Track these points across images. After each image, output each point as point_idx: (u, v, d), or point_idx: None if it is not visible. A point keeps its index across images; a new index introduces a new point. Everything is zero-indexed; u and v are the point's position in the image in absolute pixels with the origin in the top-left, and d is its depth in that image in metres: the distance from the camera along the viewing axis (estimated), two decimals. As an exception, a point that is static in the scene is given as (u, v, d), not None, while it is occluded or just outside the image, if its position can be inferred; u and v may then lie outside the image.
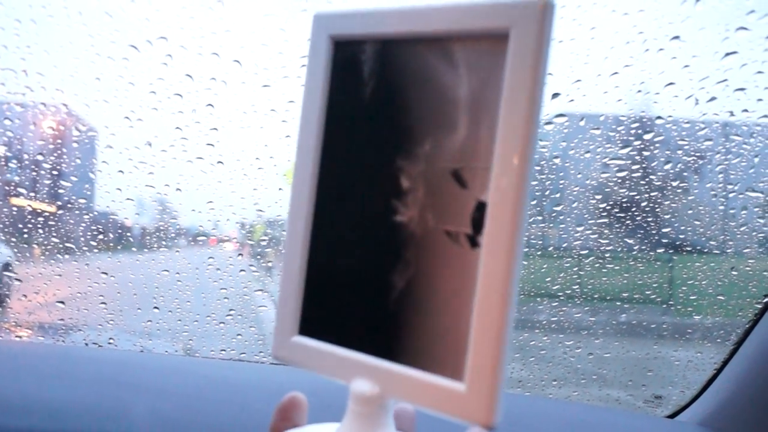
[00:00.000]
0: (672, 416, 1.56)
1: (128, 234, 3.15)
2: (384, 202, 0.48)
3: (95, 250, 2.50)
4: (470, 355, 0.44)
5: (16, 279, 2.22)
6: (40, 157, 2.40)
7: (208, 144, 1.91)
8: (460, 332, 0.45)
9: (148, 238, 3.02)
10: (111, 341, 2.11)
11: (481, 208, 0.44)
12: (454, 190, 0.45)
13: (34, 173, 2.52)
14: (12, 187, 2.69)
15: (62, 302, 2.30)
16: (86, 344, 2.11)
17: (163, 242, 2.82)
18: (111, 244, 2.87)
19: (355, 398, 0.49)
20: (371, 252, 0.49)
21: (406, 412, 0.56)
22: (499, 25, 0.44)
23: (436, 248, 0.46)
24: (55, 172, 2.37)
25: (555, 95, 1.74)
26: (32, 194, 2.59)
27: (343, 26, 0.51)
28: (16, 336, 2.26)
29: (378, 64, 0.49)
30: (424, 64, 0.47)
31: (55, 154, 2.33)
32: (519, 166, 0.43)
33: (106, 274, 2.32)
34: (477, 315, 0.44)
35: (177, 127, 1.84)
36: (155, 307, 2.27)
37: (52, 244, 2.40)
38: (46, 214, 2.35)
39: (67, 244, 2.38)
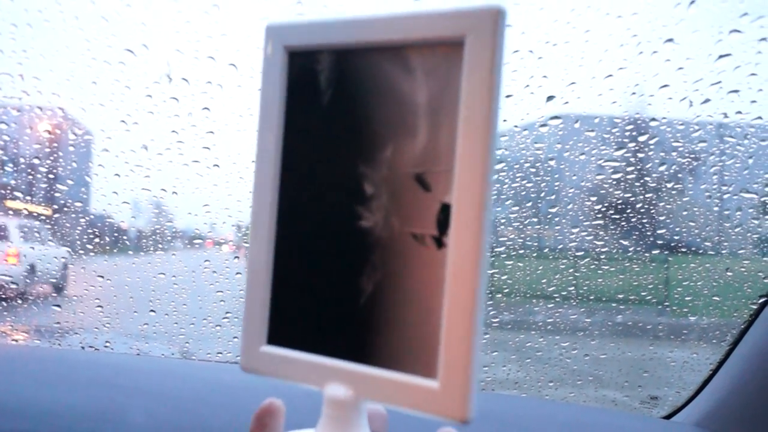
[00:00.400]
0: (668, 417, 1.57)
1: (124, 237, 3.15)
2: (348, 209, 0.49)
3: (91, 254, 2.50)
4: (442, 353, 0.45)
5: (13, 283, 2.22)
6: (36, 161, 2.40)
7: (204, 147, 1.92)
8: (430, 331, 0.46)
9: (144, 240, 3.03)
10: (107, 344, 2.11)
11: (445, 209, 0.46)
12: (418, 194, 0.47)
13: (30, 177, 2.52)
14: (8, 191, 2.69)
15: (58, 306, 2.30)
16: (83, 347, 2.11)
17: (160, 245, 2.83)
18: (107, 247, 2.87)
19: (329, 403, 0.49)
20: (338, 258, 0.50)
21: (378, 413, 0.57)
22: (455, 33, 0.45)
23: (403, 251, 0.47)
24: (51, 176, 2.37)
25: (550, 98, 1.75)
26: (28, 198, 2.59)
27: (298, 37, 0.51)
28: (12, 339, 2.26)
29: (334, 73, 0.50)
30: (381, 73, 0.48)
31: (51, 158, 2.33)
32: (481, 167, 0.44)
33: (102, 277, 2.32)
34: (447, 313, 0.45)
35: (173, 131, 1.84)
36: (152, 311, 2.27)
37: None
38: (42, 217, 2.35)
39: (64, 247, 2.38)
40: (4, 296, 2.42)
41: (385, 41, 0.48)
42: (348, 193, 0.49)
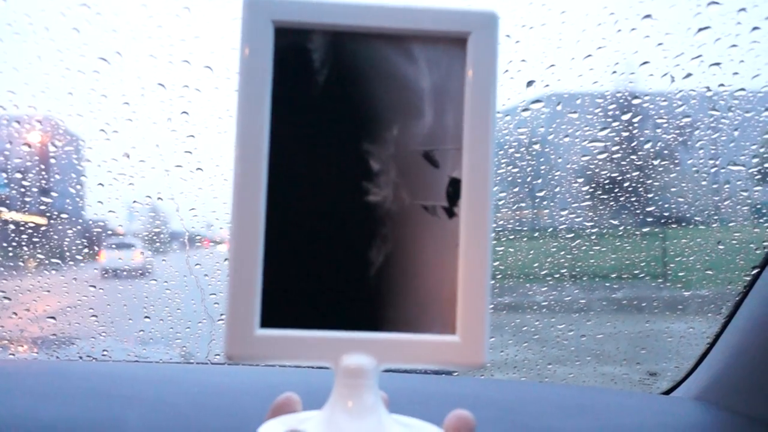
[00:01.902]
0: (667, 393, 1.57)
1: (114, 246, 3.14)
2: (353, 184, 0.52)
3: (81, 264, 2.49)
4: (460, 310, 0.51)
5: (5, 297, 2.21)
6: (18, 175, 2.39)
7: (186, 151, 1.91)
8: (445, 292, 0.51)
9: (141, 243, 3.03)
10: (105, 353, 2.11)
11: (454, 183, 0.52)
12: (427, 170, 0.52)
13: (13, 191, 2.51)
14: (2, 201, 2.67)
15: (53, 317, 2.29)
16: (80, 357, 2.11)
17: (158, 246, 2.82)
18: (96, 258, 2.86)
19: (347, 373, 0.51)
20: (343, 232, 0.52)
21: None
22: (460, 29, 0.52)
23: (414, 222, 0.52)
24: (43, 184, 2.36)
25: (530, 83, 1.75)
26: (22, 208, 2.57)
27: (287, 13, 0.52)
28: (10, 354, 2.26)
29: (330, 53, 0.52)
30: (382, 57, 0.52)
31: (34, 171, 2.32)
32: (487, 146, 0.52)
33: (94, 287, 2.31)
34: (462, 273, 0.51)
35: (153, 137, 1.84)
36: (146, 317, 2.27)
37: (34, 261, 2.39)
38: (29, 229, 2.35)
39: (53, 260, 2.37)
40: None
41: (388, 29, 0.52)
42: (352, 169, 0.52)
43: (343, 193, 0.52)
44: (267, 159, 0.51)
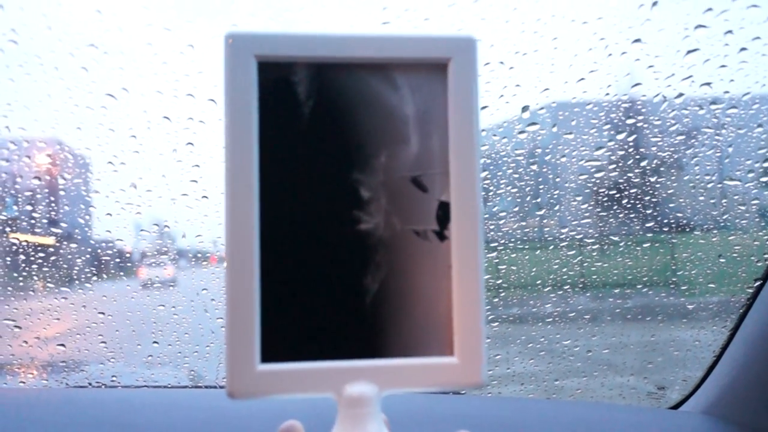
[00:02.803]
0: (676, 407, 1.57)
1: (121, 273, 3.19)
2: (345, 214, 0.52)
3: (90, 291, 2.52)
4: (457, 331, 0.52)
5: (16, 326, 2.24)
6: (29, 207, 2.43)
7: (192, 180, 1.94)
8: (441, 315, 0.52)
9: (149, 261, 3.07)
10: (114, 378, 2.12)
11: (443, 207, 0.53)
12: (416, 195, 0.53)
13: (24, 223, 2.54)
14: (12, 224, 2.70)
15: (63, 345, 2.32)
16: (89, 383, 2.12)
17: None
18: (112, 272, 2.89)
19: (350, 403, 0.51)
20: (337, 263, 0.52)
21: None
22: (440, 56, 0.53)
23: (407, 247, 0.53)
24: (45, 220, 2.39)
25: (525, 108, 1.78)
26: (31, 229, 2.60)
27: (269, 47, 0.52)
28: (21, 381, 2.27)
29: (314, 85, 0.53)
30: (366, 87, 0.53)
31: (44, 203, 2.36)
32: (473, 168, 0.53)
33: (103, 314, 2.34)
34: (457, 295, 0.52)
35: (160, 168, 1.88)
36: (155, 342, 2.29)
37: (43, 288, 2.42)
38: (39, 256, 2.38)
39: (62, 288, 2.40)
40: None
41: (370, 58, 0.53)
42: (342, 199, 0.52)
43: (335, 222, 0.52)
44: (258, 194, 0.51)
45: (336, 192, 0.52)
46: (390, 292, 0.52)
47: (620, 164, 2.10)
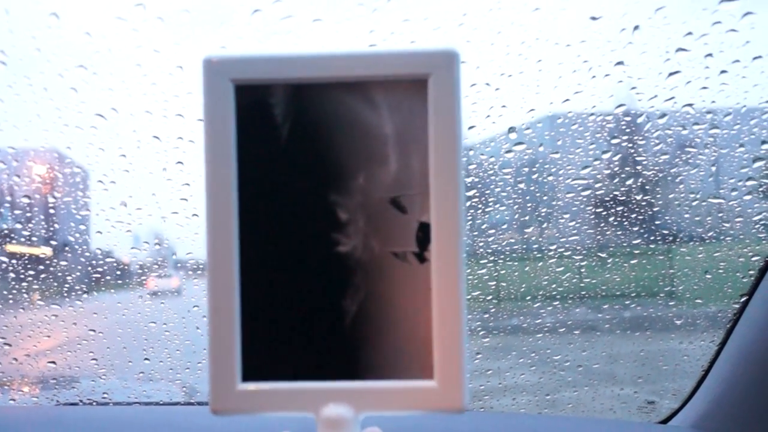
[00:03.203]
0: (665, 421, 1.57)
1: (126, 272, 3.24)
2: (322, 236, 0.52)
3: (81, 309, 2.52)
4: (436, 355, 0.51)
5: (5, 344, 2.24)
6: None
7: (182, 199, 1.96)
8: (421, 338, 0.52)
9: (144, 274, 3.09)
10: (105, 396, 2.12)
11: (423, 228, 0.52)
12: (395, 216, 0.52)
13: (27, 220, 2.54)
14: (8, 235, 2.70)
15: (53, 362, 2.32)
16: (81, 401, 2.11)
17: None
18: (110, 284, 2.90)
19: (328, 424, 0.52)
20: (316, 285, 0.52)
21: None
22: (419, 72, 0.52)
23: (385, 269, 0.52)
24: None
25: (511, 129, 1.81)
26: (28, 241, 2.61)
27: (245, 71, 0.52)
28: (11, 399, 2.26)
29: (291, 107, 0.52)
30: (344, 107, 0.52)
31: (47, 200, 2.36)
32: (454, 188, 0.51)
33: (94, 331, 2.34)
34: (437, 319, 0.51)
35: (150, 186, 1.90)
36: (146, 359, 2.29)
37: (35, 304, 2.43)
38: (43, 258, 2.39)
39: (53, 305, 2.41)
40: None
41: (347, 77, 0.52)
42: (320, 221, 0.52)
43: (313, 245, 0.52)
44: (237, 216, 0.52)
45: (314, 214, 0.52)
46: (369, 315, 0.52)
47: (606, 182, 2.13)
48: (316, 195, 0.52)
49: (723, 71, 1.65)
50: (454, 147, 0.51)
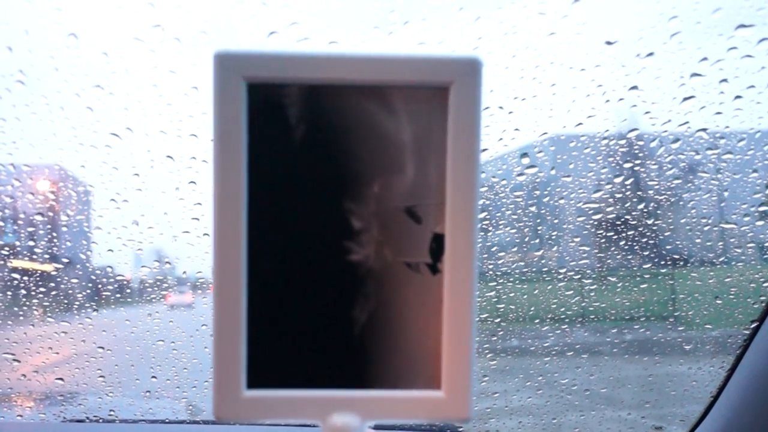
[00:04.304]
0: None
1: (127, 289, 3.25)
2: (335, 244, 0.51)
3: (90, 326, 2.52)
4: (445, 366, 0.51)
5: (14, 360, 2.24)
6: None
7: (194, 218, 1.96)
8: (430, 348, 0.51)
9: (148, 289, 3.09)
10: (111, 413, 2.11)
11: (437, 239, 0.51)
12: (410, 226, 0.51)
13: (31, 235, 2.55)
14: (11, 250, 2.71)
15: (61, 379, 2.31)
16: (87, 417, 2.11)
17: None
18: (112, 300, 2.91)
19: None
20: (326, 293, 0.51)
21: None
22: (442, 79, 0.50)
23: (397, 279, 0.51)
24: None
25: (523, 155, 1.81)
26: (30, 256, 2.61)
27: (259, 68, 0.50)
28: (18, 416, 2.26)
29: (306, 108, 0.50)
30: (361, 111, 0.50)
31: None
32: (470, 200, 0.50)
33: (102, 348, 2.34)
34: (447, 330, 0.51)
35: (162, 206, 1.90)
36: (153, 377, 2.29)
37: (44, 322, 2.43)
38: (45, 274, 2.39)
39: (62, 322, 2.41)
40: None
41: (366, 81, 0.50)
42: (333, 228, 0.51)
43: (325, 252, 0.51)
44: (246, 221, 0.50)
45: (326, 221, 0.51)
46: (379, 324, 0.51)
47: (618, 207, 2.13)
48: (328, 201, 0.51)
49: (737, 96, 1.65)
50: (473, 158, 0.50)
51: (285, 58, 0.50)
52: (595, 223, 2.16)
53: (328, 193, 0.50)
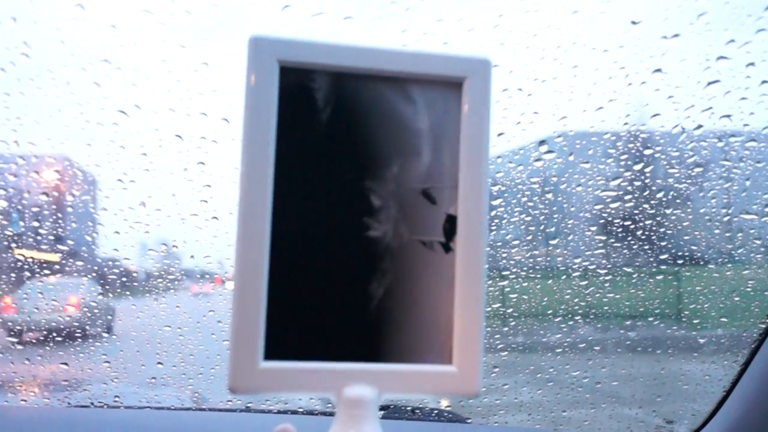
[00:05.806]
0: None
1: (134, 280, 3.23)
2: (355, 220, 0.53)
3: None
4: (456, 341, 0.53)
5: (18, 344, 2.22)
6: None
7: (202, 201, 1.93)
8: (442, 324, 0.54)
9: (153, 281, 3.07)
10: (117, 399, 2.09)
11: (451, 220, 0.54)
12: (425, 206, 0.54)
13: (37, 225, 2.53)
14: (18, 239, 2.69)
15: (66, 363, 2.30)
16: (92, 403, 2.09)
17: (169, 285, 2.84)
18: (117, 291, 2.88)
19: (350, 403, 0.52)
20: (345, 267, 0.53)
21: None
22: (457, 74, 0.55)
23: (413, 256, 0.54)
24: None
25: (541, 142, 1.77)
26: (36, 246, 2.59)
27: (292, 53, 0.53)
28: (22, 400, 2.25)
29: (333, 93, 0.54)
30: (382, 98, 0.54)
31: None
32: (481, 185, 0.54)
33: (108, 333, 2.32)
34: (459, 306, 0.53)
35: (170, 187, 1.86)
36: (159, 363, 2.26)
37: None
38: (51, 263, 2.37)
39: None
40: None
41: (388, 71, 0.54)
42: (354, 205, 0.53)
43: (345, 227, 0.53)
44: (271, 195, 0.52)
45: (347, 198, 0.53)
46: (394, 299, 0.53)
47: (636, 194, 2.08)
48: (350, 180, 0.53)
49: (764, 81, 1.61)
50: (482, 146, 0.54)
51: (316, 45, 0.54)
52: (612, 212, 2.12)
53: (350, 172, 0.53)
